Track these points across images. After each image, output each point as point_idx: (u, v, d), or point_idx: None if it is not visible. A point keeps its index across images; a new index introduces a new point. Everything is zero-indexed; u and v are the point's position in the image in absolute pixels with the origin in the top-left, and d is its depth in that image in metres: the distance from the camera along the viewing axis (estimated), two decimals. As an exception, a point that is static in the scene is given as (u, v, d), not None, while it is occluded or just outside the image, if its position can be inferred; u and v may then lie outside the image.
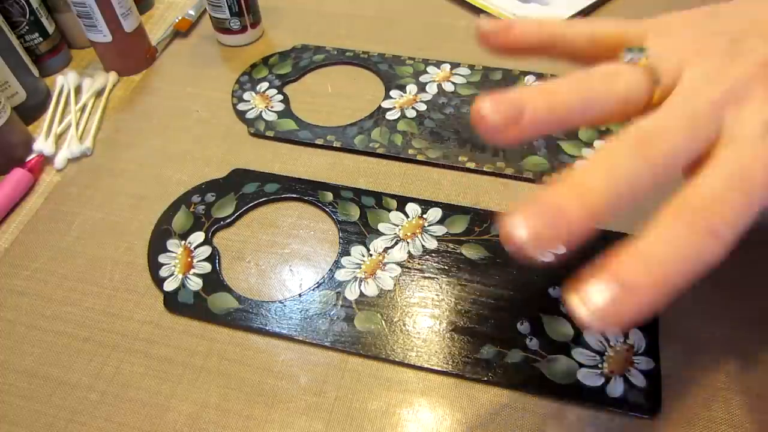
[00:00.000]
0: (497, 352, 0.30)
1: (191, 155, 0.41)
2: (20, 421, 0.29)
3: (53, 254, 0.36)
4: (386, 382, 0.29)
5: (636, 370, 0.28)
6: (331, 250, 0.35)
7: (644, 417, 0.27)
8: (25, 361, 0.31)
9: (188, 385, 0.30)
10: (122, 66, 0.48)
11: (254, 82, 0.46)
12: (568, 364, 0.29)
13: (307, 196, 0.37)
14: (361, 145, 0.40)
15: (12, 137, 0.41)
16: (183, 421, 0.28)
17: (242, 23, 0.48)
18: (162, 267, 0.34)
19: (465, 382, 0.29)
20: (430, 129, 0.41)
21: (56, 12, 0.48)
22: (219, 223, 0.36)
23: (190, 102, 0.45)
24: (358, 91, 0.45)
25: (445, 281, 0.33)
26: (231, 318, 0.32)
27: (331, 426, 0.28)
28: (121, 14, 0.45)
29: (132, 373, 0.30)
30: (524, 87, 0.23)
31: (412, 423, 0.28)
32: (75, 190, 0.40)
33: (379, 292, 0.32)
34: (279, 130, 0.42)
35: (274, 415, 0.28)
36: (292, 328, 0.31)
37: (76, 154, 0.41)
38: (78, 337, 0.32)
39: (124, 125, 0.44)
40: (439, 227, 0.35)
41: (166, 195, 0.38)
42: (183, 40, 0.52)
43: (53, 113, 0.45)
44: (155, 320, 0.32)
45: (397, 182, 0.38)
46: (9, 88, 0.42)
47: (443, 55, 0.47)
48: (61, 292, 0.34)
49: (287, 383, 0.29)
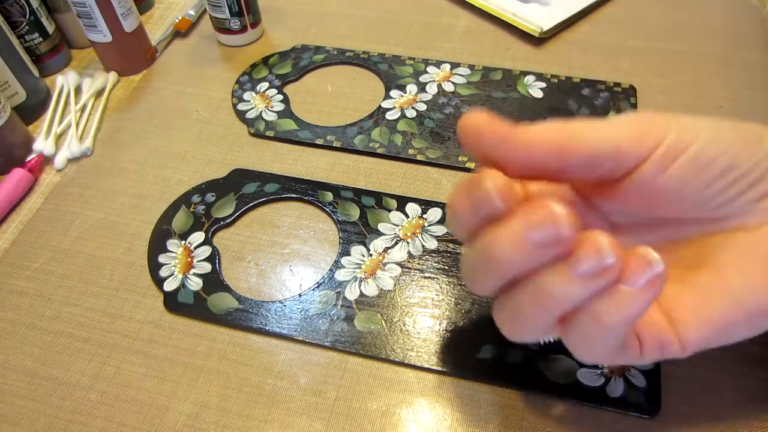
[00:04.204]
0: (497, 352, 0.30)
1: (191, 155, 0.41)
2: (20, 421, 0.29)
3: (53, 254, 0.36)
4: (386, 382, 0.29)
5: (636, 370, 0.28)
6: (331, 250, 0.35)
7: (644, 417, 0.27)
8: (25, 361, 0.31)
9: (188, 385, 0.30)
10: (122, 66, 0.48)
11: (254, 82, 0.46)
12: (568, 364, 0.29)
13: (307, 196, 0.37)
14: (361, 145, 0.40)
15: (12, 137, 0.41)
16: (183, 421, 0.28)
17: (242, 23, 0.48)
18: (162, 267, 0.34)
19: (465, 382, 0.29)
20: (430, 129, 0.41)
21: (56, 12, 0.48)
22: (219, 223, 0.36)
23: (190, 102, 0.45)
24: (358, 91, 0.45)
25: (445, 281, 0.33)
26: (231, 318, 0.32)
27: (331, 426, 0.28)
28: (121, 14, 0.45)
29: (132, 373, 0.30)
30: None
31: (412, 423, 0.28)
32: (75, 190, 0.40)
33: (379, 292, 0.32)
34: (279, 130, 0.42)
35: (274, 415, 0.28)
36: (292, 328, 0.31)
37: (76, 154, 0.41)
38: (78, 337, 0.32)
39: (124, 125, 0.44)
40: (439, 227, 0.35)
41: (166, 195, 0.39)
42: (183, 40, 0.52)
43: (53, 113, 0.45)
44: (155, 320, 0.32)
45: (397, 182, 0.38)
46: (9, 88, 0.42)
47: (443, 55, 0.47)
48: (61, 292, 0.34)
49: (287, 383, 0.29)
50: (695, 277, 0.22)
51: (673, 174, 0.21)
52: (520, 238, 0.18)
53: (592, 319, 0.19)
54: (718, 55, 0.46)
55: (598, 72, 0.45)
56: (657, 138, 0.21)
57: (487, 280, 0.21)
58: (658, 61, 0.45)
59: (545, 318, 0.20)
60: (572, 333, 0.20)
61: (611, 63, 0.46)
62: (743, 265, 0.21)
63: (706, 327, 0.21)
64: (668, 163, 0.21)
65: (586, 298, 0.19)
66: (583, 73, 0.45)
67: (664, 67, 0.45)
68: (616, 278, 0.18)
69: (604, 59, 0.46)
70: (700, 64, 0.45)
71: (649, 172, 0.21)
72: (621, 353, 0.21)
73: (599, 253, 0.18)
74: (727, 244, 0.22)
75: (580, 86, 0.44)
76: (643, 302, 0.18)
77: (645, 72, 0.44)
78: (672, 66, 0.45)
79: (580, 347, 0.21)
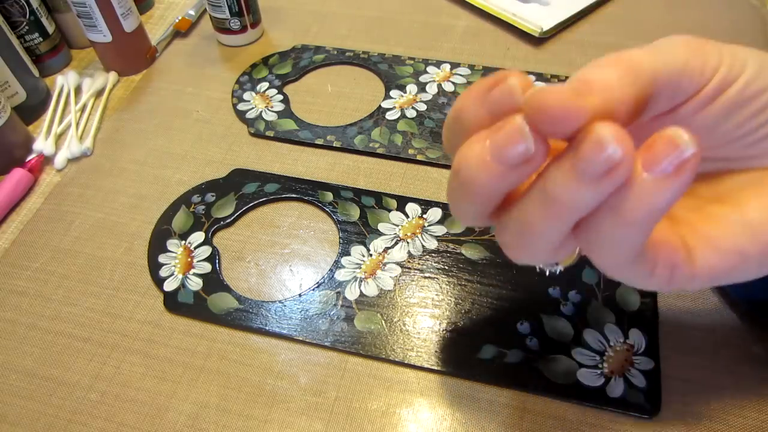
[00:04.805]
0: (497, 352, 0.30)
1: (191, 155, 0.41)
2: (20, 421, 0.29)
3: (53, 254, 0.36)
4: (386, 382, 0.29)
5: (636, 370, 0.28)
6: (331, 250, 0.35)
7: (644, 417, 0.27)
8: (25, 361, 0.31)
9: (188, 385, 0.30)
10: (122, 66, 0.48)
11: (254, 82, 0.46)
12: (568, 364, 0.29)
13: (307, 196, 0.37)
14: (361, 145, 0.40)
15: (12, 137, 0.41)
16: (183, 421, 0.28)
17: (242, 23, 0.48)
18: (162, 267, 0.34)
19: (465, 382, 0.29)
20: (430, 129, 0.41)
21: (56, 12, 0.48)
22: (219, 223, 0.36)
23: (190, 102, 0.45)
24: (358, 91, 0.45)
25: (445, 281, 0.33)
26: (231, 318, 0.32)
27: (331, 426, 0.28)
28: (121, 14, 0.45)
29: (132, 373, 0.30)
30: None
31: (412, 423, 0.28)
32: (75, 190, 0.40)
33: (379, 292, 0.32)
34: (279, 130, 0.42)
35: (274, 415, 0.28)
36: (292, 328, 0.31)
37: (76, 154, 0.41)
38: (78, 337, 0.32)
39: (124, 125, 0.44)
40: (439, 227, 0.35)
41: (166, 195, 0.39)
42: (183, 40, 0.52)
43: (53, 113, 0.45)
44: (155, 320, 0.32)
45: (397, 182, 0.38)
46: (9, 88, 0.42)
47: (443, 55, 0.47)
48: (61, 292, 0.34)
49: (287, 383, 0.29)
50: (715, 209, 0.21)
51: (713, 110, 0.19)
52: (483, 156, 0.17)
53: (611, 216, 0.16)
54: (718, 55, 0.46)
55: (598, 72, 0.45)
56: (713, 68, 0.19)
57: (461, 205, 0.19)
58: (658, 61, 0.45)
59: (558, 228, 0.17)
60: (590, 233, 0.18)
61: (611, 63, 0.46)
62: (763, 202, 0.20)
63: (718, 256, 0.20)
64: (716, 97, 0.19)
65: (601, 199, 0.16)
66: (583, 73, 0.45)
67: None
68: (630, 171, 0.15)
69: (604, 59, 0.46)
70: (700, 64, 0.45)
71: (693, 107, 0.19)
72: (635, 266, 0.19)
73: (601, 147, 0.15)
74: (750, 181, 0.21)
75: (580, 86, 0.44)
76: (670, 193, 0.16)
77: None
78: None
79: (597, 250, 0.18)
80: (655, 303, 0.31)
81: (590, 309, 0.31)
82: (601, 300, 0.31)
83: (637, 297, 0.31)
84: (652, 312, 0.30)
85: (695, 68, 0.18)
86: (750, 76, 0.19)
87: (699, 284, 0.20)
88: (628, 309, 0.31)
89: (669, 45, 0.19)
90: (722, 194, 0.21)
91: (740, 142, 0.20)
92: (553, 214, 0.17)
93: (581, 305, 0.31)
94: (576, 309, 0.31)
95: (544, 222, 0.17)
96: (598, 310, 0.31)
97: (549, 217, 0.17)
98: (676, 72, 0.18)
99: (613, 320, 0.30)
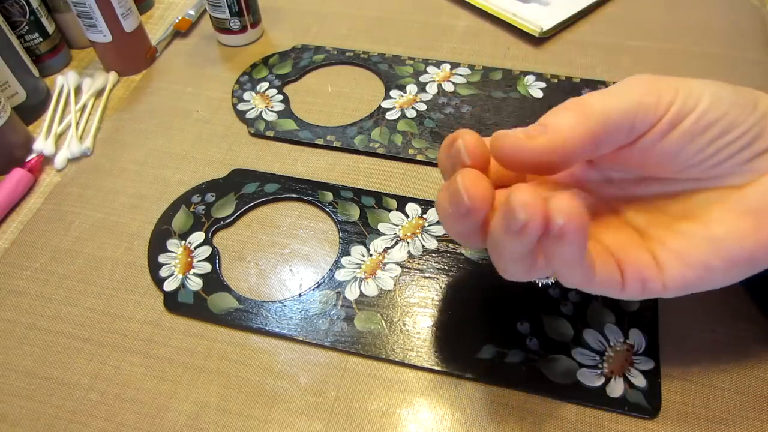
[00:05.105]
0: (497, 352, 0.30)
1: (191, 155, 0.41)
2: (20, 421, 0.29)
3: (53, 254, 0.36)
4: (386, 382, 0.29)
5: (636, 370, 0.28)
6: (331, 250, 0.35)
7: (644, 417, 0.27)
8: (25, 361, 0.31)
9: (188, 385, 0.30)
10: (122, 66, 0.48)
11: (254, 82, 0.46)
12: (568, 364, 0.29)
13: (307, 196, 0.37)
14: (361, 145, 0.40)
15: (12, 137, 0.41)
16: (183, 421, 0.28)
17: (242, 23, 0.48)
18: (162, 267, 0.34)
19: (465, 382, 0.29)
20: (430, 129, 0.41)
21: (56, 12, 0.48)
22: (219, 223, 0.36)
23: (190, 102, 0.45)
24: (358, 91, 0.45)
25: (445, 281, 0.33)
26: (231, 318, 0.32)
27: (331, 426, 0.28)
28: (121, 14, 0.45)
29: (132, 373, 0.30)
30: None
31: (412, 423, 0.28)
32: (75, 190, 0.40)
33: (379, 292, 0.32)
34: (279, 130, 0.42)
35: (274, 415, 0.28)
36: (292, 328, 0.31)
37: (76, 154, 0.41)
38: (78, 337, 0.32)
39: (124, 125, 0.44)
40: (439, 227, 0.35)
41: (166, 195, 0.39)
42: (183, 40, 0.52)
43: (53, 113, 0.45)
44: (155, 320, 0.32)
45: (397, 182, 0.38)
46: (9, 88, 0.42)
47: (443, 55, 0.47)
48: (61, 292, 0.34)
49: (287, 383, 0.29)
50: (683, 226, 0.23)
51: (672, 139, 0.21)
52: (444, 204, 0.21)
53: (545, 256, 0.20)
54: (718, 55, 0.46)
55: (598, 72, 0.45)
56: (668, 103, 0.21)
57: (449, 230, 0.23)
58: (658, 61, 0.45)
59: (518, 260, 0.20)
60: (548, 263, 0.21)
61: (611, 63, 0.46)
62: (726, 218, 0.22)
63: (686, 269, 0.22)
64: (672, 128, 0.21)
65: (533, 245, 0.19)
66: (583, 73, 0.45)
67: (664, 67, 0.45)
68: (540, 228, 0.19)
69: (604, 59, 0.46)
70: (700, 64, 0.45)
71: (651, 139, 0.21)
72: (601, 284, 0.22)
73: (511, 213, 0.19)
74: (714, 199, 0.23)
75: (580, 86, 0.44)
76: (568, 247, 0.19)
77: (645, 72, 0.44)
78: (672, 66, 0.45)
79: (557, 274, 0.21)
80: (655, 303, 0.31)
81: (590, 309, 0.31)
82: (601, 300, 0.31)
83: (637, 297, 0.31)
84: (652, 312, 0.30)
85: (649, 105, 0.21)
86: (704, 107, 0.21)
87: (672, 294, 0.23)
88: (628, 309, 0.31)
89: (626, 85, 0.22)
90: (690, 211, 0.23)
91: (702, 165, 0.22)
92: (501, 252, 0.20)
93: (581, 305, 0.31)
94: (576, 309, 0.31)
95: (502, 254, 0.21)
96: (598, 310, 0.31)
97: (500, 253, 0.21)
98: (631, 110, 0.21)
99: (613, 320, 0.30)
